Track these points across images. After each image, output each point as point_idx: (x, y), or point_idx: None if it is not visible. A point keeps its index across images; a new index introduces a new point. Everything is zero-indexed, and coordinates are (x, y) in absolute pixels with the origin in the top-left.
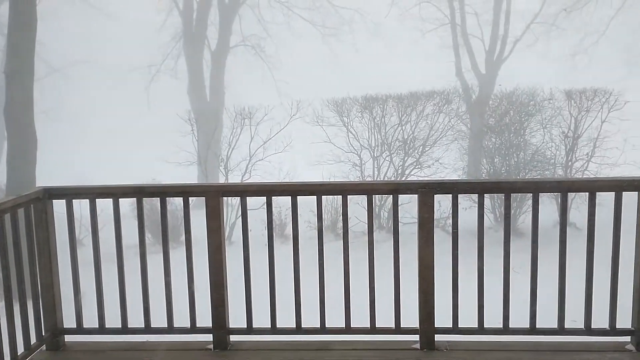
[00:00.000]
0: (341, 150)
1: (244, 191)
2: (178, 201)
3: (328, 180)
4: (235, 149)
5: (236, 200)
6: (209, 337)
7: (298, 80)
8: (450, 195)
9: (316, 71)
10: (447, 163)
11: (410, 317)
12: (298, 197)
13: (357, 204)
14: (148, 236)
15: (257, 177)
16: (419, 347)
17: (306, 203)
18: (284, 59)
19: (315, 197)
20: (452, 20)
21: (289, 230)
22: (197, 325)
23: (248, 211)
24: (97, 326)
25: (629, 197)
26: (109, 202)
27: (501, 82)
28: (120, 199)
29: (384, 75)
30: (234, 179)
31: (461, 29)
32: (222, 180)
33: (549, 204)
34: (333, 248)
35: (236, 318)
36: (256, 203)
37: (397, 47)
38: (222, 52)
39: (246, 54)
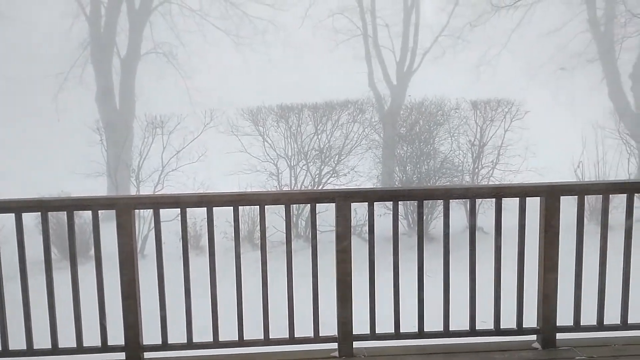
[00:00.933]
0: (257, 160)
1: (157, 203)
2: (87, 214)
3: (245, 191)
4: (147, 159)
5: (148, 212)
6: (122, 356)
7: (212, 89)
8: (367, 203)
9: (230, 80)
10: (363, 171)
11: (329, 326)
12: (214, 208)
13: (275, 213)
14: (54, 252)
15: (170, 188)
16: (337, 355)
17: (222, 213)
18: (197, 67)
19: (232, 207)
20: (364, 32)
21: (204, 241)
22: (109, 344)
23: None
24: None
25: (532, 202)
26: (10, 217)
27: (411, 93)
28: (23, 214)
29: (298, 85)
30: (146, 190)
31: (373, 41)
32: (133, 191)
33: (458, 209)
34: (250, 259)
35: (150, 334)
36: (169, 214)
37: (311, 57)
38: (132, 59)
39: (158, 62)
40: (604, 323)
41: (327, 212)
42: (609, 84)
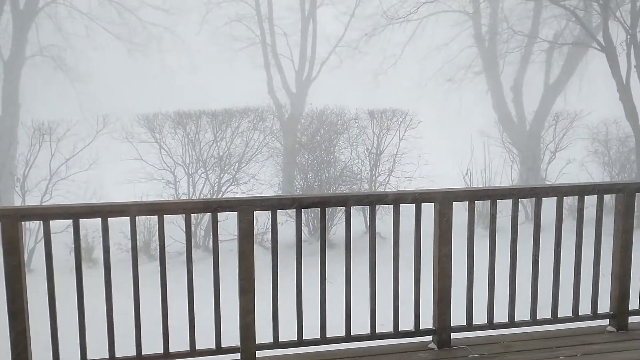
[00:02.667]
0: (154, 168)
1: (46, 214)
2: None
3: (142, 200)
4: (34, 168)
5: (35, 224)
6: None
7: (104, 95)
8: (270, 211)
9: (124, 86)
10: (263, 179)
11: (231, 335)
12: (109, 218)
13: (172, 222)
14: None
15: (60, 197)
16: None
17: (116, 223)
18: (87, 72)
19: (128, 218)
20: (262, 40)
21: (97, 253)
22: None
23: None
24: None
25: (427, 207)
26: None
27: (311, 102)
28: None
29: (197, 92)
30: (33, 200)
31: (272, 49)
32: (18, 202)
33: (357, 215)
34: (147, 270)
35: (39, 353)
36: (58, 226)
37: (209, 64)
38: (16, 62)
39: (44, 66)
40: (494, 322)
41: (227, 221)
42: (493, 95)
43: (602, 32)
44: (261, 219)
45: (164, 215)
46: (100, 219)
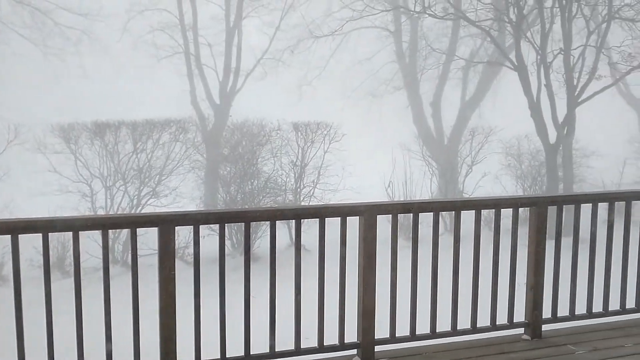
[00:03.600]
0: (69, 180)
1: None
2: None
3: (57, 216)
4: None
5: None
6: None
7: (16, 103)
8: (192, 226)
9: (38, 93)
10: (185, 192)
11: (152, 356)
12: (20, 235)
13: (88, 237)
14: None
15: None
16: None
17: (28, 239)
18: None
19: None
20: (185, 50)
21: (6, 271)
22: None
23: None
24: None
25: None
26: None
27: (235, 113)
28: None
29: (116, 101)
30: None
31: (195, 59)
32: None
33: (281, 227)
34: (60, 288)
35: None
36: None
37: (130, 72)
38: None
39: None
40: (416, 333)
41: (145, 235)
42: (413, 110)
43: (515, 52)
44: (182, 232)
45: (80, 232)
46: (10, 235)
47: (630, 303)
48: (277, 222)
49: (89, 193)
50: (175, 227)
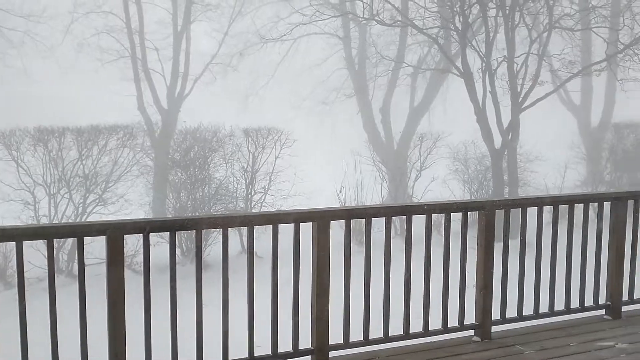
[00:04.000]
0: (10, 188)
1: None
2: None
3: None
4: None
5: None
6: None
7: None
8: (142, 234)
9: None
10: (133, 199)
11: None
12: None
13: (31, 246)
14: None
15: None
16: None
17: None
18: None
19: None
20: (132, 54)
21: None
22: None
23: None
24: None
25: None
26: None
27: (185, 118)
28: None
29: (60, 106)
30: None
31: (142, 63)
32: None
33: (232, 234)
34: (2, 299)
35: None
36: None
37: (74, 76)
38: None
39: None
40: (369, 338)
41: (92, 244)
42: (363, 116)
43: (461, 59)
44: (130, 240)
45: (24, 242)
46: None
47: (575, 303)
48: (229, 229)
49: (32, 201)
50: (124, 236)
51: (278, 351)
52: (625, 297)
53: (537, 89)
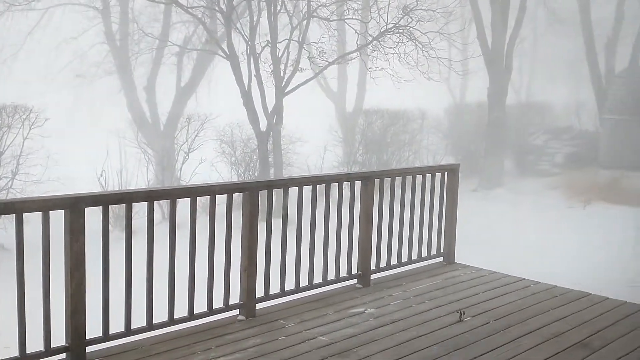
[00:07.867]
0: None
1: None
2: None
3: None
4: None
5: None
6: None
7: None
8: None
9: None
10: None
11: None
12: None
13: None
14: None
15: None
16: None
17: None
18: None
19: None
20: None
21: None
22: None
23: None
24: None
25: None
26: None
27: None
28: None
29: None
30: None
31: None
32: None
33: None
34: None
35: None
36: None
37: None
38: None
39: None
40: (132, 328)
41: None
42: (126, 95)
43: (226, 42)
44: None
45: None
46: None
47: (331, 275)
48: None
49: None
50: None
51: (27, 352)
52: (373, 267)
53: (299, 75)
